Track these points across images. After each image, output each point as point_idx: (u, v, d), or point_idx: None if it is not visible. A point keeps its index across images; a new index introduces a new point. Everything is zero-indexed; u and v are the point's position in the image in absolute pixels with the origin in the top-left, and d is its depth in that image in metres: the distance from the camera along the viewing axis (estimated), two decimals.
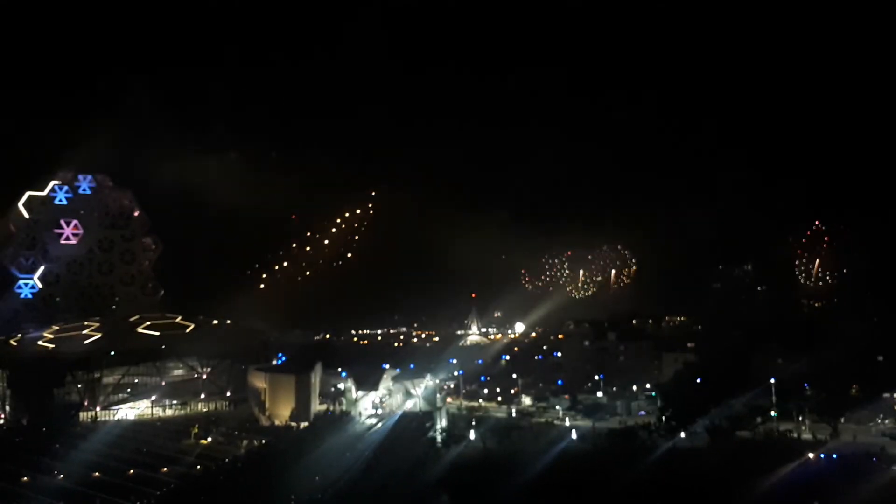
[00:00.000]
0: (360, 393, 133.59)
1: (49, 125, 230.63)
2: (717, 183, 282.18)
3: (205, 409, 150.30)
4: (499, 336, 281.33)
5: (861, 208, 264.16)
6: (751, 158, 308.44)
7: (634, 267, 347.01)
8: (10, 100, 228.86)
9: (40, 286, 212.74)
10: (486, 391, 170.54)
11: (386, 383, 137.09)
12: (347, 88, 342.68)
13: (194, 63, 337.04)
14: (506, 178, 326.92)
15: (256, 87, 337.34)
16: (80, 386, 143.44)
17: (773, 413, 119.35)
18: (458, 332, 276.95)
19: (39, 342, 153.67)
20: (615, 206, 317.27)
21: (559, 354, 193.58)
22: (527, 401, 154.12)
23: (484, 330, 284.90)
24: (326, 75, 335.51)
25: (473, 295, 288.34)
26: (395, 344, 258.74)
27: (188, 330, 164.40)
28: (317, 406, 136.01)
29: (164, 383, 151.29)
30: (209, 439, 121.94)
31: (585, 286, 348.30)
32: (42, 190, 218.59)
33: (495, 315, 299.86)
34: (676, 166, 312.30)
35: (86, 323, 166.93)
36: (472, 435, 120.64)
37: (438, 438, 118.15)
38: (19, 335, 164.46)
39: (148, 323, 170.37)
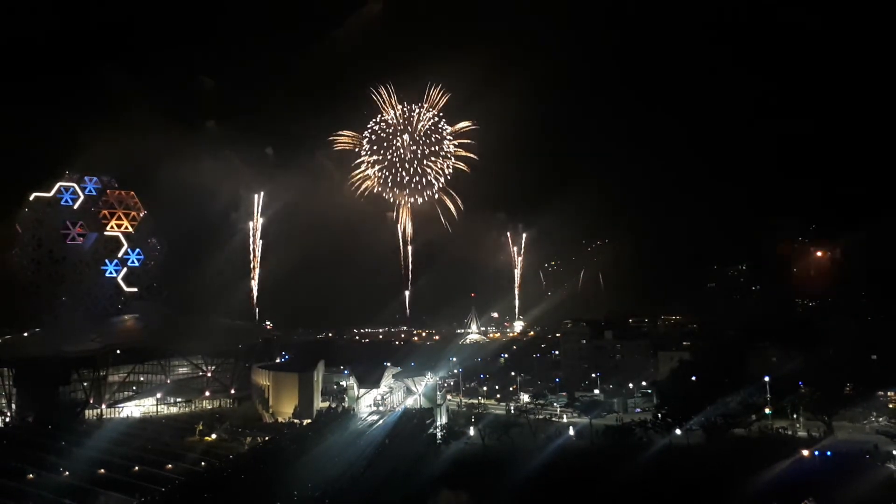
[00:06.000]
0: (363, 390, 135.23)
1: (55, 127, 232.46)
2: (713, 183, 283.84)
3: (209, 407, 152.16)
4: (497, 335, 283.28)
5: (857, 209, 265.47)
6: (748, 159, 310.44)
7: (630, 266, 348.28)
8: (15, 102, 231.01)
9: None
10: (485, 388, 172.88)
11: (387, 381, 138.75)
12: None
13: None
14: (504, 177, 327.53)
15: None
16: (85, 384, 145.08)
17: (767, 410, 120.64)
18: (458, 331, 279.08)
19: (45, 341, 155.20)
20: (612, 206, 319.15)
21: (557, 353, 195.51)
22: (525, 398, 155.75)
23: (483, 329, 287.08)
24: None
25: (473, 294, 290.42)
26: (397, 342, 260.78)
27: (193, 328, 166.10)
28: (319, 403, 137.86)
29: (169, 381, 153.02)
30: (214, 436, 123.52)
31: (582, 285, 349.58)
32: (48, 191, 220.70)
33: (494, 315, 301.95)
34: (673, 166, 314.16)
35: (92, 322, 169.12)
36: (472, 431, 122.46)
37: (439, 435, 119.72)
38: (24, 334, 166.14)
39: (151, 322, 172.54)
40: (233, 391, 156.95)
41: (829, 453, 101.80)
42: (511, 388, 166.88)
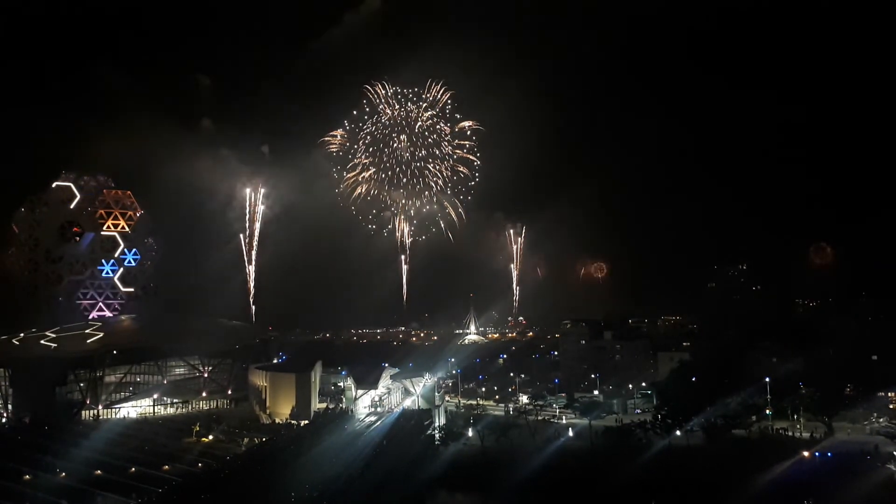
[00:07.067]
0: (360, 391, 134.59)
1: (51, 127, 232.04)
2: (714, 184, 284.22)
3: (206, 408, 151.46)
4: (496, 335, 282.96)
5: (858, 209, 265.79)
6: (748, 160, 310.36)
7: (630, 266, 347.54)
8: (10, 102, 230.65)
9: None
10: (483, 389, 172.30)
11: (385, 382, 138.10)
12: None
13: None
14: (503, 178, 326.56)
15: None
16: (82, 385, 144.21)
17: (768, 411, 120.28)
18: (457, 332, 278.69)
19: (42, 341, 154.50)
20: (613, 206, 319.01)
21: (556, 353, 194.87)
22: (524, 399, 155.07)
23: (482, 329, 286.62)
24: None
25: (472, 295, 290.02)
26: (395, 343, 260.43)
27: (190, 329, 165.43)
28: (317, 404, 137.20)
29: (165, 382, 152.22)
30: (210, 437, 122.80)
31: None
32: (45, 191, 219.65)
33: (493, 315, 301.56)
34: (674, 167, 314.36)
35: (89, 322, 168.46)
36: (470, 432, 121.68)
37: (437, 436, 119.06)
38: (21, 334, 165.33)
39: (147, 322, 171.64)
40: (230, 392, 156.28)
41: (829, 454, 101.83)
42: (510, 389, 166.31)
